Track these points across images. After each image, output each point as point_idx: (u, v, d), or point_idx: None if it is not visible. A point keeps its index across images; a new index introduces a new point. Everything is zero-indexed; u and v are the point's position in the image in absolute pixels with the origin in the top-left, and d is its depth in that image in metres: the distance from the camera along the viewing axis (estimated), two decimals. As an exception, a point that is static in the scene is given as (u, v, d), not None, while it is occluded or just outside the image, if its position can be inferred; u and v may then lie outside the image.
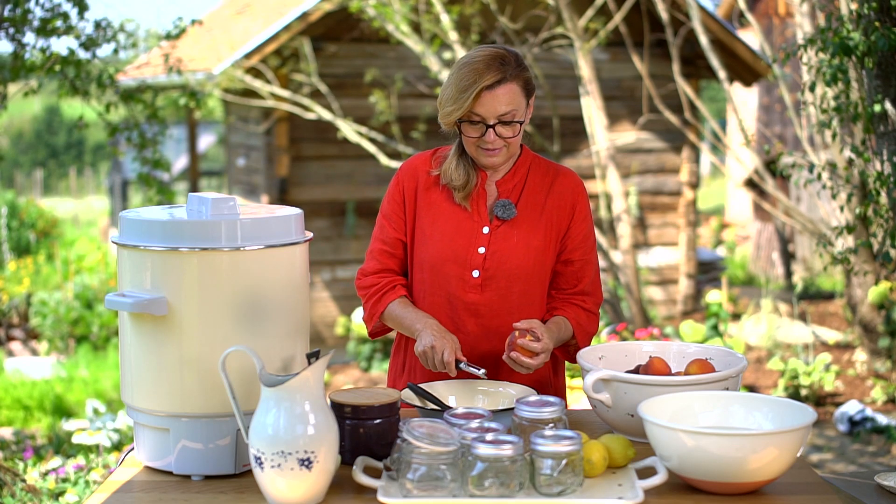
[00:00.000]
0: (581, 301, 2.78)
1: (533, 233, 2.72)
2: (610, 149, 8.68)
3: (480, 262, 2.70)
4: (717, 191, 23.03)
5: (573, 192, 2.77)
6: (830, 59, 4.20)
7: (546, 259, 2.74)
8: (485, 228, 2.71)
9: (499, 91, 2.60)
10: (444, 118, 2.67)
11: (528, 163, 2.77)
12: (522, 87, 2.64)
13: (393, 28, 8.45)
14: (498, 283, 2.70)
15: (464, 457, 2.05)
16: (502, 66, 2.60)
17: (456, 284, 2.71)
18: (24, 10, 5.62)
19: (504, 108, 2.61)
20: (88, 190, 27.20)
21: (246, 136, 11.31)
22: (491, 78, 2.58)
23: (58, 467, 5.20)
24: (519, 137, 2.68)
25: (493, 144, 2.65)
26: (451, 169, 2.73)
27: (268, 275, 2.23)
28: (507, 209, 2.71)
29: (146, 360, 2.22)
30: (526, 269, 2.71)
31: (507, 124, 2.63)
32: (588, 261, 2.78)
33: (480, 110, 2.61)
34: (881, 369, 8.09)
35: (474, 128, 2.64)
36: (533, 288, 2.74)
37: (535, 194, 2.74)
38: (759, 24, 13.43)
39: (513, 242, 2.70)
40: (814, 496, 2.10)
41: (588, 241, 2.78)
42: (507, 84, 2.60)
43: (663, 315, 11.40)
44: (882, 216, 4.31)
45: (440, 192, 2.75)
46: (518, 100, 2.63)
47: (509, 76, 2.61)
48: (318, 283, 10.23)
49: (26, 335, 10.79)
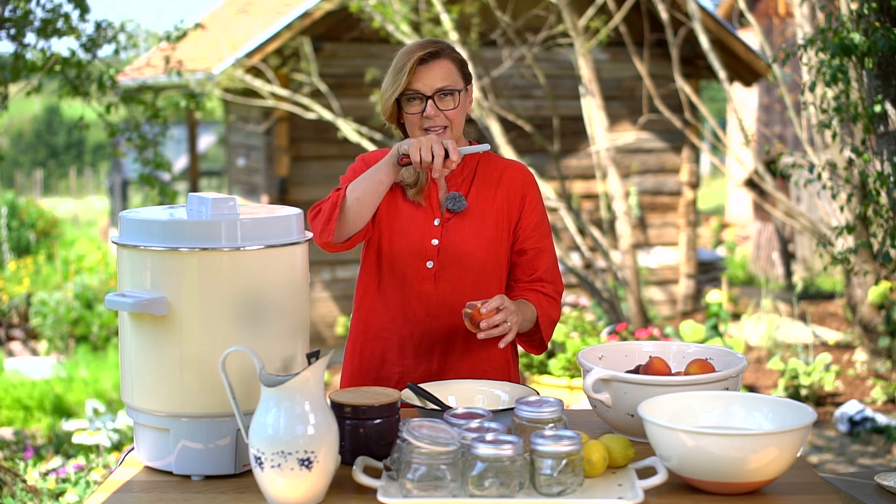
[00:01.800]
0: (541, 287, 2.80)
1: (484, 224, 2.76)
2: (610, 149, 8.68)
3: (434, 253, 2.74)
4: (717, 191, 23.04)
5: (523, 183, 2.81)
6: (830, 59, 4.20)
7: (499, 250, 2.77)
8: (436, 221, 2.75)
9: (433, 65, 2.66)
10: (384, 107, 2.71)
11: (476, 157, 2.82)
12: (458, 68, 2.70)
13: (393, 28, 8.45)
14: (451, 274, 2.74)
15: (464, 457, 2.05)
16: (435, 45, 2.68)
17: (412, 276, 2.74)
18: (24, 11, 5.62)
19: (440, 83, 2.66)
20: (88, 190, 27.21)
21: (246, 136, 11.31)
22: (424, 52, 2.66)
23: (58, 467, 5.21)
24: (460, 115, 2.70)
25: (434, 120, 2.67)
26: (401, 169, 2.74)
27: (268, 275, 2.23)
28: (458, 201, 2.75)
29: (146, 360, 2.22)
30: (479, 260, 2.74)
31: (446, 95, 2.66)
32: (542, 248, 2.81)
33: (417, 84, 2.66)
34: (881, 369, 8.09)
35: (413, 104, 2.68)
36: (487, 279, 2.77)
37: (485, 186, 2.78)
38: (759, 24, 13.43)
39: (465, 233, 2.74)
40: (814, 496, 2.10)
41: (540, 228, 2.81)
42: (442, 60, 2.67)
43: (663, 315, 11.41)
44: (882, 216, 4.31)
45: (396, 187, 2.79)
46: (454, 77, 2.68)
47: (443, 54, 2.68)
48: (318, 283, 10.23)
49: (26, 335, 10.79)
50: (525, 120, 9.20)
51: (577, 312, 7.14)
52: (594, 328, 7.11)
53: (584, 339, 6.75)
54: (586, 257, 9.07)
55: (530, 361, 6.70)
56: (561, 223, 10.02)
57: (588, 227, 8.87)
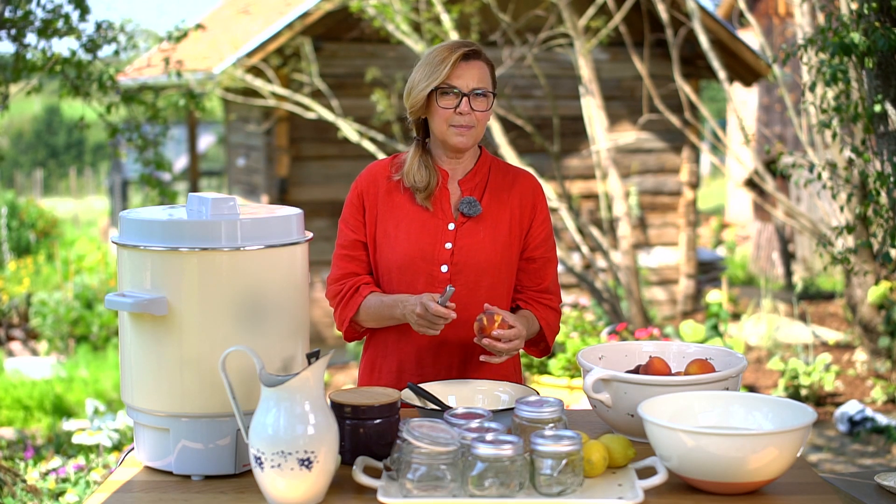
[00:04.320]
0: (548, 300, 2.85)
1: (498, 228, 2.77)
2: (610, 149, 8.68)
3: (448, 257, 2.74)
4: (717, 191, 23.03)
5: (533, 193, 2.83)
6: (830, 59, 4.20)
7: (511, 254, 2.79)
8: (450, 225, 2.75)
9: (473, 64, 2.69)
10: (414, 100, 2.71)
11: (488, 163, 2.84)
12: (491, 73, 2.73)
13: (393, 28, 8.46)
14: (466, 278, 2.74)
15: (464, 457, 2.05)
16: (475, 45, 2.71)
17: (424, 281, 2.73)
18: (25, 12, 5.62)
19: (478, 83, 2.68)
20: (88, 190, 27.21)
21: (246, 136, 11.31)
22: (467, 49, 2.68)
23: (58, 467, 5.21)
24: (486, 119, 2.73)
25: (466, 119, 2.68)
26: (413, 170, 2.76)
27: (268, 275, 2.23)
28: (473, 206, 2.75)
29: (146, 360, 2.22)
30: (493, 263, 2.75)
31: (480, 95, 2.68)
32: (549, 259, 2.85)
33: (456, 81, 2.67)
34: (881, 369, 8.09)
35: (448, 98, 2.68)
36: (500, 282, 2.78)
37: (498, 192, 2.80)
38: (759, 24, 13.43)
39: (479, 237, 2.75)
40: (814, 496, 2.10)
41: (549, 240, 2.85)
42: (480, 61, 2.71)
43: (663, 315, 11.41)
44: (882, 216, 4.31)
45: (402, 194, 2.78)
46: (488, 80, 2.72)
47: (481, 56, 2.72)
48: (318, 283, 10.23)
49: (26, 335, 10.79)
50: (525, 120, 9.20)
51: (577, 312, 7.14)
52: (594, 328, 7.11)
53: (584, 339, 6.75)
54: (586, 257, 9.07)
55: (530, 361, 6.70)
56: (561, 223, 10.02)
57: (588, 227, 8.87)
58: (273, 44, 9.67)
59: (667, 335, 8.28)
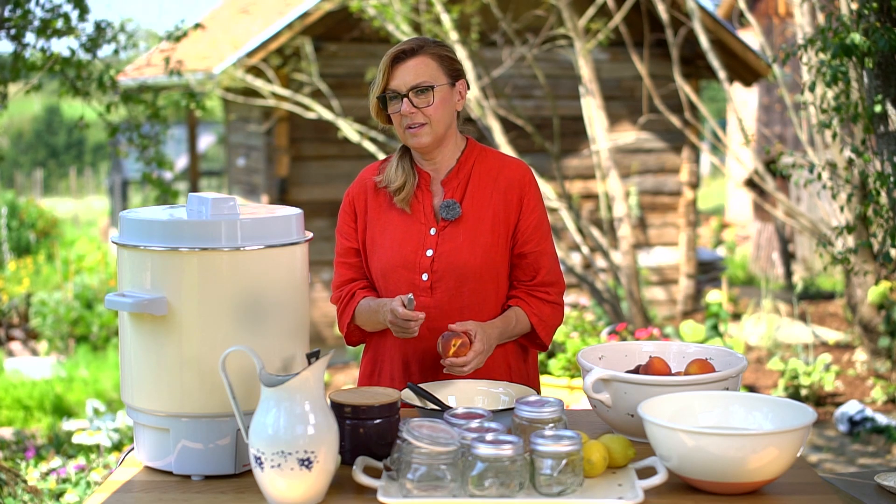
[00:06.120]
0: (544, 294, 2.79)
1: (479, 230, 2.72)
2: (610, 149, 8.68)
3: (428, 265, 2.71)
4: (717, 191, 23.03)
5: (520, 185, 2.77)
6: (830, 59, 4.19)
7: (496, 255, 2.74)
8: (432, 230, 2.73)
9: (409, 62, 2.67)
10: (372, 110, 2.74)
11: (472, 158, 2.78)
12: (439, 63, 2.69)
13: (393, 28, 8.45)
14: (447, 285, 2.71)
15: (464, 457, 2.05)
16: (415, 43, 2.70)
17: (406, 289, 2.71)
18: (24, 11, 5.62)
19: (414, 80, 2.66)
20: (88, 190, 27.21)
21: (246, 136, 11.31)
22: (398, 50, 2.68)
23: (58, 467, 5.21)
24: (439, 112, 2.68)
25: (411, 118, 2.67)
26: (390, 172, 2.76)
27: (268, 275, 2.23)
28: (452, 209, 2.72)
29: (146, 360, 2.22)
30: (474, 268, 2.71)
31: (421, 92, 2.66)
32: (542, 251, 2.78)
33: (393, 83, 2.68)
34: (881, 369, 8.09)
35: (394, 104, 2.69)
36: (485, 286, 2.74)
37: (480, 190, 2.75)
38: (759, 24, 13.43)
39: (459, 242, 2.71)
40: (814, 496, 2.10)
41: (539, 230, 2.78)
42: (419, 56, 2.68)
43: (663, 315, 11.40)
44: (882, 216, 4.31)
45: (388, 199, 2.78)
46: (432, 72, 2.68)
47: (421, 51, 2.69)
48: (318, 283, 10.23)
49: (26, 335, 10.79)
50: (525, 120, 9.20)
51: (577, 312, 7.14)
52: (594, 328, 7.11)
53: (584, 339, 6.74)
54: (586, 257, 9.07)
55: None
56: (561, 223, 10.03)
57: (588, 227, 8.87)
58: (273, 44, 9.67)
59: (667, 335, 8.28)
